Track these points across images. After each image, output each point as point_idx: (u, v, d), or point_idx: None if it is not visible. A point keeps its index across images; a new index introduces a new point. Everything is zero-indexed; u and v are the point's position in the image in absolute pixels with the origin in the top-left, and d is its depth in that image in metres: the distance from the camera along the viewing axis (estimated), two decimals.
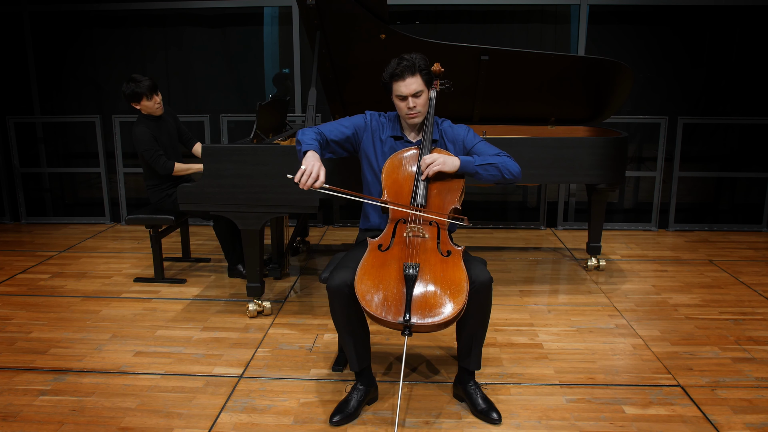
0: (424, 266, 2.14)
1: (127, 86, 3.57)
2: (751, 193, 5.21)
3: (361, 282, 2.12)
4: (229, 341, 3.02)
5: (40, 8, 5.12)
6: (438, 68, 2.59)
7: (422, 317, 2.02)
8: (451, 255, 2.20)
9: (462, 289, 2.08)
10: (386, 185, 2.37)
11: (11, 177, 5.41)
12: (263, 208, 3.09)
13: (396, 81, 2.34)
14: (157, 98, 3.64)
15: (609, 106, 4.01)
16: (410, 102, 2.35)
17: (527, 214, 5.36)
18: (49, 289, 3.74)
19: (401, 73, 2.32)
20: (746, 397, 2.49)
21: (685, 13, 4.87)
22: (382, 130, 2.53)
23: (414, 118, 2.40)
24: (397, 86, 2.35)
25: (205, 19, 5.09)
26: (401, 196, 2.35)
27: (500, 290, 3.71)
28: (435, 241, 2.25)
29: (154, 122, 3.68)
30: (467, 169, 2.35)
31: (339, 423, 2.29)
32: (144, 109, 3.64)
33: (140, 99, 3.58)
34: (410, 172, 2.38)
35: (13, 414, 2.37)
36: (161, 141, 3.67)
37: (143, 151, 3.60)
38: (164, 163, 3.62)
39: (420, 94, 2.36)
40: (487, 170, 2.36)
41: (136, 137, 3.60)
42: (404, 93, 2.34)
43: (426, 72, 2.36)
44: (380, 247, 2.25)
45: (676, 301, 3.54)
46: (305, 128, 2.42)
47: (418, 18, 5.06)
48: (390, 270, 2.15)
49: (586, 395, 2.50)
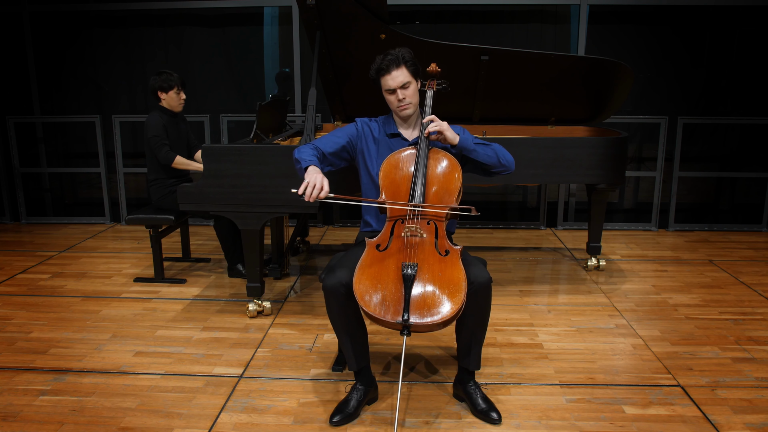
0: (422, 266, 2.14)
1: (159, 77, 3.72)
2: (751, 193, 5.21)
3: (360, 282, 2.12)
4: (229, 341, 3.02)
5: (40, 8, 5.12)
6: (434, 68, 2.59)
7: (421, 317, 2.02)
8: (450, 254, 2.20)
9: (460, 289, 2.08)
10: (384, 185, 2.38)
11: (11, 177, 5.41)
12: (263, 208, 3.09)
13: (383, 75, 2.39)
14: (183, 95, 3.78)
15: (609, 106, 4.01)
16: (399, 94, 2.39)
17: (527, 214, 5.36)
18: (49, 289, 3.74)
19: (387, 67, 2.37)
20: (746, 397, 2.49)
21: (685, 13, 4.87)
22: (377, 130, 2.54)
23: (405, 109, 2.43)
24: (384, 81, 2.39)
25: (205, 19, 5.10)
26: (399, 196, 2.35)
27: (500, 290, 3.71)
28: (433, 241, 2.25)
29: (168, 116, 3.78)
30: (466, 144, 2.39)
31: (339, 423, 2.29)
32: (166, 102, 3.75)
33: (168, 90, 3.71)
34: (408, 172, 2.38)
35: (13, 414, 2.37)
36: (170, 134, 3.75)
37: (151, 137, 3.67)
38: (166, 153, 3.68)
39: (408, 85, 2.39)
40: (484, 150, 2.42)
41: (148, 123, 3.69)
42: (392, 86, 2.38)
43: (411, 63, 2.39)
44: (378, 246, 2.25)
45: (676, 301, 3.54)
46: (301, 146, 2.44)
47: (418, 18, 5.06)
48: (388, 270, 2.15)
49: (586, 395, 2.50)
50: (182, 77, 3.80)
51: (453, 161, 2.40)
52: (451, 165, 2.39)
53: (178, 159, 3.71)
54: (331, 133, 2.53)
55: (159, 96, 3.75)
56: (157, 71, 3.75)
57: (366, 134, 2.53)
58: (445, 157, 2.41)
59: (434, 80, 2.60)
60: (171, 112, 3.79)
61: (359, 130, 2.53)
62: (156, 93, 3.74)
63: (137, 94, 5.31)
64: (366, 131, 2.54)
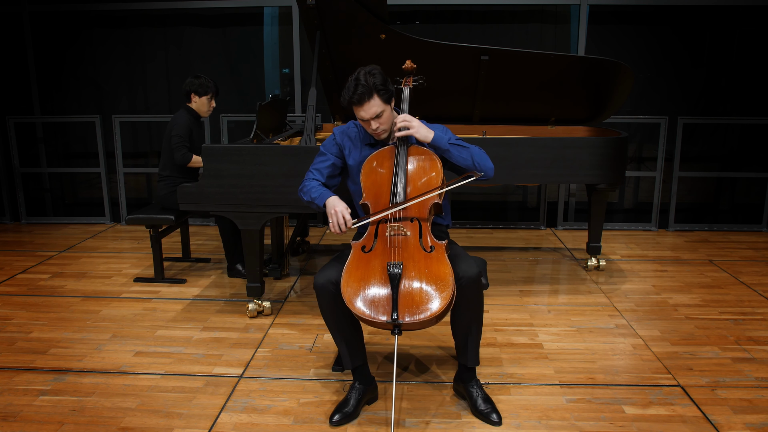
0: (408, 264, 2.14)
1: (196, 80, 3.81)
2: (751, 193, 5.21)
3: (347, 285, 2.12)
4: (229, 341, 3.02)
5: (40, 8, 5.12)
6: (410, 65, 2.61)
7: (410, 315, 2.02)
8: (435, 250, 2.19)
9: (448, 284, 2.08)
10: (365, 187, 2.37)
11: (11, 177, 5.41)
12: (263, 208, 3.09)
13: (355, 106, 2.32)
14: (213, 103, 3.90)
15: (609, 106, 4.01)
16: (372, 124, 2.35)
17: (527, 214, 5.36)
18: (49, 289, 3.74)
19: (359, 100, 2.29)
20: (746, 397, 2.49)
21: (685, 13, 4.87)
22: (356, 135, 2.51)
23: (380, 135, 2.41)
24: (357, 111, 2.33)
25: (205, 19, 5.10)
26: (381, 196, 2.34)
27: (500, 290, 3.71)
28: (417, 238, 2.24)
29: (195, 119, 3.88)
30: (439, 143, 2.35)
31: (339, 423, 2.29)
32: (196, 105, 3.85)
33: (203, 95, 3.81)
34: (388, 171, 2.36)
35: (13, 414, 2.37)
36: (194, 134, 3.85)
37: (174, 135, 3.74)
38: (184, 154, 3.74)
39: (381, 113, 2.33)
40: (459, 152, 2.35)
41: (175, 122, 3.77)
42: (365, 117, 2.33)
43: (383, 90, 2.31)
44: (363, 248, 2.25)
45: (676, 301, 3.54)
46: (303, 183, 2.47)
47: (418, 18, 5.06)
48: (374, 271, 2.15)
49: (586, 395, 2.50)
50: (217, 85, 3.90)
51: (432, 156, 2.36)
52: (431, 159, 2.36)
53: (194, 158, 3.79)
54: (318, 156, 2.53)
55: (191, 98, 3.83)
56: (195, 74, 3.85)
57: (346, 144, 2.51)
58: (424, 153, 2.38)
59: (410, 77, 2.61)
60: (197, 114, 3.88)
61: (338, 142, 2.51)
62: (189, 95, 3.83)
63: (137, 94, 5.30)
64: (345, 141, 2.51)
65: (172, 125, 3.78)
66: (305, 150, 3.03)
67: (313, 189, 2.42)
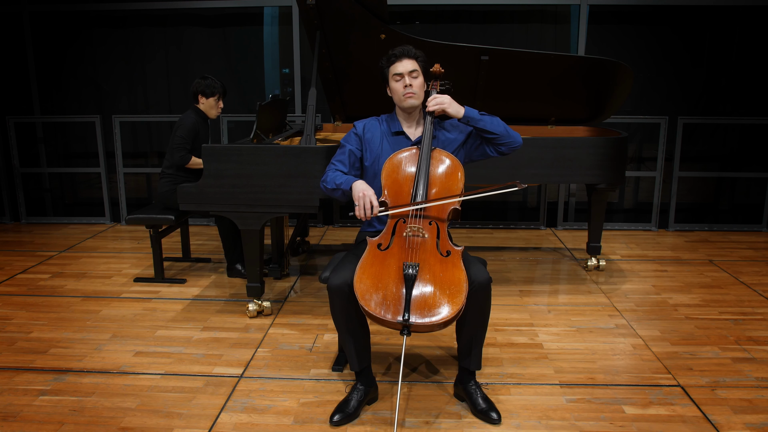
0: (424, 266, 2.14)
1: (203, 81, 3.79)
2: (751, 193, 5.21)
3: (361, 281, 2.12)
4: (229, 341, 3.02)
5: (40, 8, 5.12)
6: (438, 69, 2.59)
7: (421, 317, 2.03)
8: (451, 255, 2.20)
9: (461, 290, 2.09)
10: (386, 185, 2.37)
11: (11, 177, 5.41)
12: (263, 208, 3.09)
13: (393, 63, 2.42)
14: (221, 104, 3.89)
15: (609, 106, 4.01)
16: (407, 80, 2.40)
17: (527, 214, 5.36)
18: (49, 289, 3.74)
19: (399, 55, 2.42)
20: (746, 397, 2.49)
21: (685, 13, 4.87)
22: (378, 127, 2.54)
23: (410, 97, 2.42)
24: (394, 67, 2.42)
25: (205, 19, 5.10)
26: (401, 195, 2.35)
27: (500, 290, 3.71)
28: (435, 241, 2.25)
29: (203, 120, 3.87)
30: (472, 114, 2.40)
31: (339, 423, 2.29)
32: (203, 106, 3.85)
33: (210, 96, 3.80)
34: (410, 172, 2.38)
35: (13, 414, 2.37)
36: (200, 134, 3.84)
37: (178, 136, 3.74)
38: (183, 156, 3.74)
39: (417, 75, 2.42)
40: (491, 119, 2.42)
41: (183, 121, 3.77)
42: (401, 71, 2.40)
43: (422, 59, 2.45)
44: (380, 246, 2.25)
45: (676, 301, 3.54)
46: (326, 174, 2.46)
47: (418, 18, 5.06)
48: (389, 269, 2.15)
49: (586, 395, 2.50)
50: (225, 86, 3.88)
51: (455, 161, 2.40)
52: (454, 165, 2.39)
53: (193, 159, 3.78)
54: (338, 150, 2.55)
55: (199, 99, 3.83)
56: (202, 75, 3.83)
57: (367, 135, 2.53)
58: (448, 157, 2.41)
59: (438, 81, 2.61)
60: (204, 115, 3.87)
61: (360, 135, 2.53)
62: (196, 96, 3.82)
63: (137, 94, 5.30)
64: (367, 132, 2.53)
65: (178, 125, 3.79)
66: (305, 150, 3.03)
67: (337, 176, 2.41)
